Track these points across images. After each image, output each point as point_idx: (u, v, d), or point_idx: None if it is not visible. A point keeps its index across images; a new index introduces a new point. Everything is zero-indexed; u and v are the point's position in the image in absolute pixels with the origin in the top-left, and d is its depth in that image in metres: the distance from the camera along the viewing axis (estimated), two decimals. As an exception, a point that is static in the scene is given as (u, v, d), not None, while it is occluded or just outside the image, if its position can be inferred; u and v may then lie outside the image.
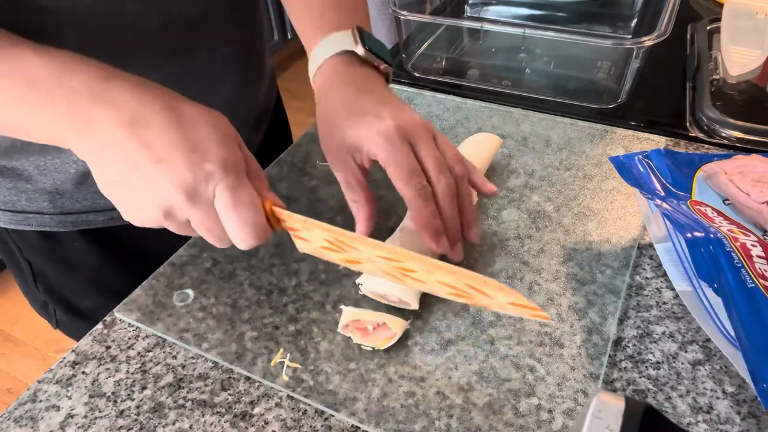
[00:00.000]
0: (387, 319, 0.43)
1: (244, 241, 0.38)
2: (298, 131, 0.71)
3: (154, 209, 0.36)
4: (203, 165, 0.35)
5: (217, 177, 0.35)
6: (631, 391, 0.41)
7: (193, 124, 0.36)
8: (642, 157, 0.53)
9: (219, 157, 0.36)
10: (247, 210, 0.37)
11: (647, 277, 0.50)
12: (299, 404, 0.41)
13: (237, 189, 0.36)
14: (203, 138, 0.36)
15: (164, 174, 0.35)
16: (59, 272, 0.64)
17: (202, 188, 0.35)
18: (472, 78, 0.80)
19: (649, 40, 0.65)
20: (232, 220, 0.36)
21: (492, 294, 0.38)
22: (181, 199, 0.35)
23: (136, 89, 0.37)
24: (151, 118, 0.36)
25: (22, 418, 0.42)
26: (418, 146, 0.45)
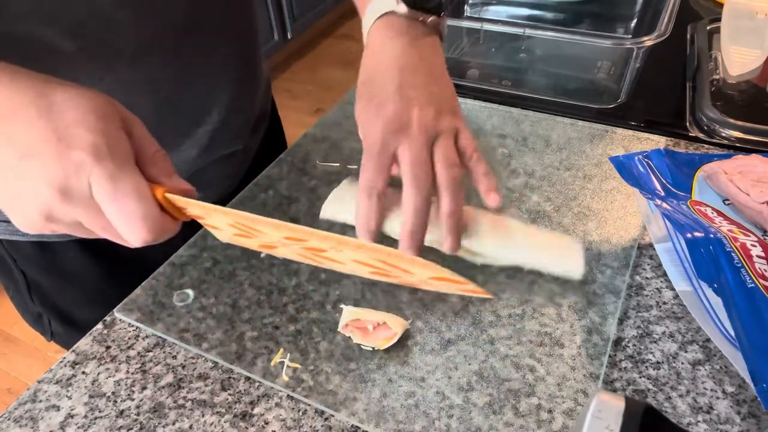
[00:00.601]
0: (387, 318, 0.44)
1: (134, 236, 0.33)
2: (298, 131, 0.71)
3: (35, 213, 0.32)
4: (70, 154, 0.31)
5: (89, 166, 0.31)
6: (631, 391, 0.41)
7: (62, 110, 0.32)
8: (642, 157, 0.53)
9: (89, 143, 0.31)
10: (130, 200, 0.32)
11: (647, 277, 0.50)
12: (299, 404, 0.41)
13: (115, 177, 0.32)
14: (71, 124, 0.32)
15: (33, 170, 0.31)
16: (54, 283, 0.63)
17: (74, 181, 0.31)
18: (472, 78, 0.81)
19: (649, 40, 0.65)
20: (114, 213, 0.32)
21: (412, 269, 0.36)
22: (56, 198, 0.31)
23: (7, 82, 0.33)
24: (18, 110, 0.32)
25: (22, 418, 0.42)
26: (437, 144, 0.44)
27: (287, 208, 0.57)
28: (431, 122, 0.45)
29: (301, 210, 0.57)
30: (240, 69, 0.62)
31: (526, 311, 0.46)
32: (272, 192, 0.60)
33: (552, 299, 0.47)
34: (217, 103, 0.60)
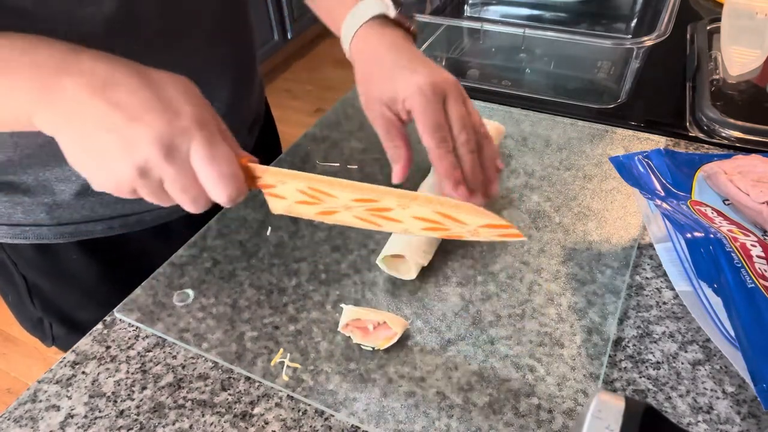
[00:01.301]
0: (387, 318, 0.43)
1: (223, 194, 0.38)
2: (299, 131, 0.71)
3: (128, 169, 0.36)
4: (179, 120, 0.36)
5: (193, 132, 0.36)
6: (631, 391, 0.41)
7: (163, 85, 0.37)
8: (642, 157, 0.53)
9: (193, 114, 0.36)
10: (225, 163, 0.37)
11: (647, 277, 0.50)
12: (299, 404, 0.41)
13: (213, 143, 0.36)
14: (174, 97, 0.36)
15: (139, 131, 0.35)
16: (56, 285, 0.63)
17: (179, 143, 0.36)
18: (472, 78, 0.81)
19: (649, 40, 0.65)
20: (210, 173, 0.37)
21: (465, 219, 0.39)
22: (158, 155, 0.35)
23: (104, 58, 0.37)
24: (121, 81, 0.36)
25: (22, 418, 0.42)
26: (448, 103, 0.49)
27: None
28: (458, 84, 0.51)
29: (301, 210, 0.57)
30: (236, 70, 0.62)
31: (526, 311, 0.46)
32: (272, 192, 0.60)
33: (552, 299, 0.47)
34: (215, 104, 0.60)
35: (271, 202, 0.42)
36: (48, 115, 0.36)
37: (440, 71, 0.50)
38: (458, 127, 0.49)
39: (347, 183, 0.40)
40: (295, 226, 0.55)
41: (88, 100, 0.35)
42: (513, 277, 0.49)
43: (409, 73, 0.49)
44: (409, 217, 0.40)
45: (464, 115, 0.49)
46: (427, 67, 0.50)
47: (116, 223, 0.60)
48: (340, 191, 0.40)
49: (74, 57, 0.36)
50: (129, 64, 0.37)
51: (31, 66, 0.36)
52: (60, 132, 0.36)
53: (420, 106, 0.48)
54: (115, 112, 0.35)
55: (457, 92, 0.50)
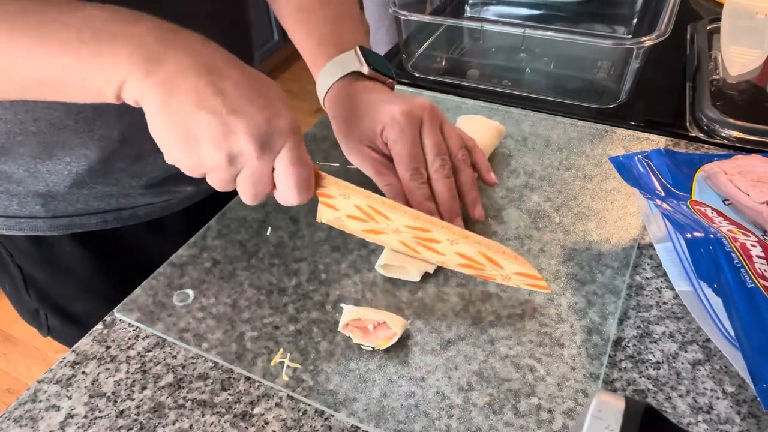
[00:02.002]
0: (387, 317, 0.43)
1: (296, 197, 0.41)
2: (298, 131, 0.71)
3: (219, 155, 0.37)
4: (277, 121, 0.38)
5: (287, 135, 0.38)
6: (631, 391, 0.41)
7: (263, 84, 0.39)
8: (642, 157, 0.53)
9: (289, 118, 0.39)
10: (306, 169, 0.40)
11: (647, 277, 0.50)
12: (299, 404, 0.41)
13: (300, 149, 0.39)
14: (274, 98, 0.39)
15: (241, 123, 0.36)
16: (51, 277, 0.64)
17: (274, 142, 0.38)
18: (472, 78, 0.80)
19: (649, 40, 0.65)
20: (292, 176, 0.39)
21: (504, 264, 0.42)
22: (252, 149, 0.37)
23: (205, 42, 0.38)
24: (227, 70, 0.37)
25: (22, 418, 0.42)
26: (424, 129, 0.50)
27: (287, 207, 0.57)
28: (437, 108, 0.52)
29: (301, 210, 0.57)
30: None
31: (526, 311, 0.46)
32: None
33: (552, 299, 0.47)
34: None
35: (322, 210, 0.44)
36: (146, 83, 0.36)
37: (415, 99, 0.51)
38: (432, 154, 0.50)
39: (407, 209, 0.43)
40: (295, 226, 0.55)
41: (194, 78, 0.36)
42: (513, 277, 0.49)
43: (385, 105, 0.51)
44: (452, 252, 0.43)
45: (439, 141, 0.50)
46: (403, 98, 0.51)
47: (110, 217, 0.60)
48: (396, 215, 0.43)
49: (172, 34, 0.37)
50: (228, 54, 0.39)
51: (131, 36, 0.36)
52: (153, 104, 0.37)
53: (395, 135, 0.49)
54: (220, 98, 0.36)
55: (433, 117, 0.51)
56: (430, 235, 0.43)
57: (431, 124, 0.50)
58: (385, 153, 0.52)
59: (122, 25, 0.36)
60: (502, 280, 0.43)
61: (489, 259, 0.42)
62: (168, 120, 0.37)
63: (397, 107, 0.50)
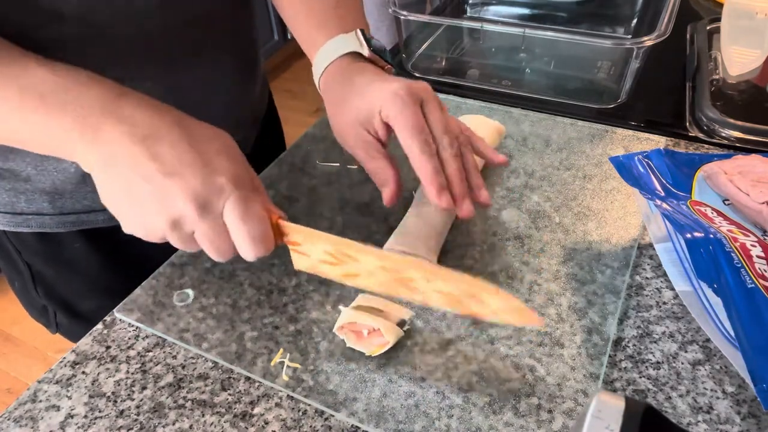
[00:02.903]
0: (382, 325, 0.43)
1: (252, 252, 0.38)
2: (299, 131, 0.71)
3: (161, 220, 0.37)
4: (215, 179, 0.36)
5: (228, 191, 0.37)
6: (631, 391, 0.41)
7: (203, 140, 0.38)
8: (642, 157, 0.53)
9: (230, 172, 0.37)
10: (257, 223, 0.38)
11: (647, 277, 0.50)
12: (299, 404, 0.41)
13: (247, 203, 0.37)
14: (214, 153, 0.37)
15: (176, 186, 0.36)
16: (59, 274, 0.64)
17: (214, 201, 0.36)
18: (472, 78, 0.80)
19: (649, 40, 0.65)
20: (242, 232, 0.37)
21: (488, 301, 0.38)
22: (192, 211, 0.36)
23: (148, 106, 0.38)
24: (162, 132, 0.37)
25: (22, 418, 0.42)
26: (426, 107, 0.47)
27: (287, 208, 0.57)
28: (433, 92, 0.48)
29: (301, 210, 0.57)
30: (239, 65, 0.62)
31: (526, 311, 0.46)
32: (272, 192, 0.60)
33: (552, 299, 0.47)
34: (217, 99, 0.60)
35: (296, 258, 0.42)
36: (88, 154, 0.37)
37: (414, 81, 0.48)
38: (439, 130, 0.46)
39: (374, 250, 0.40)
40: (295, 226, 0.55)
41: (128, 147, 0.36)
42: (513, 277, 0.49)
43: (383, 83, 0.47)
44: (432, 291, 0.40)
45: (443, 118, 0.47)
46: (400, 78, 0.48)
47: None
48: (365, 257, 0.40)
49: (116, 101, 0.37)
50: (170, 113, 0.38)
51: (77, 105, 0.37)
52: (97, 173, 0.38)
53: (397, 108, 0.45)
54: (154, 164, 0.36)
55: (434, 98, 0.48)
56: (404, 275, 0.39)
57: (434, 104, 0.47)
58: (380, 136, 0.48)
59: (68, 92, 0.37)
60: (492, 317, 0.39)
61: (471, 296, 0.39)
62: (111, 190, 0.38)
63: (397, 84, 0.47)
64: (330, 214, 0.56)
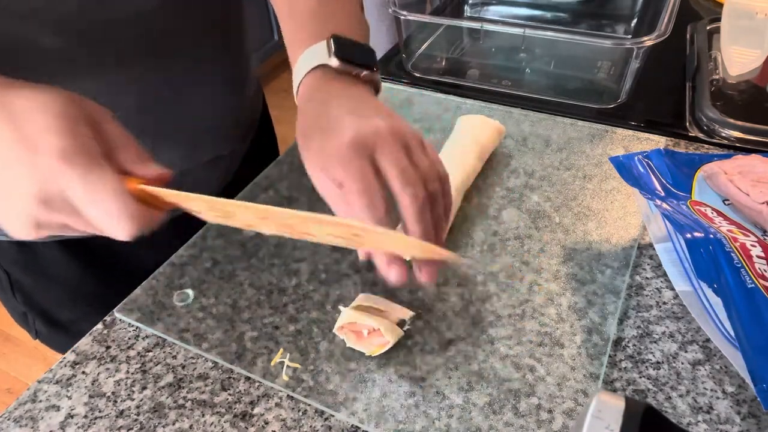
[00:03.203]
0: (382, 325, 0.43)
1: (118, 231, 0.33)
2: (298, 131, 0.71)
3: (24, 223, 0.32)
4: (38, 161, 0.31)
5: (59, 170, 0.31)
6: (631, 391, 0.41)
7: (27, 117, 0.31)
8: (642, 157, 0.53)
9: (56, 148, 0.31)
10: (106, 198, 0.31)
11: (647, 277, 0.50)
12: (299, 404, 0.41)
13: (87, 178, 0.31)
14: (37, 130, 0.31)
15: (12, 182, 0.31)
16: (37, 283, 0.63)
17: (50, 188, 0.31)
18: (472, 78, 0.80)
19: (649, 40, 0.65)
20: (92, 213, 0.32)
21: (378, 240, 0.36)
22: (38, 207, 0.31)
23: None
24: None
25: (22, 418, 0.42)
26: (381, 158, 0.38)
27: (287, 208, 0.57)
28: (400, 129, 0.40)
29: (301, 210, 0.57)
30: (228, 71, 0.62)
31: (526, 311, 0.46)
32: (272, 192, 0.60)
33: (552, 299, 0.47)
34: (204, 105, 0.59)
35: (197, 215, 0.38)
36: None
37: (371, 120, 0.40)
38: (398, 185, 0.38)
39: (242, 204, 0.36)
40: (295, 226, 0.55)
41: None
42: (513, 277, 0.49)
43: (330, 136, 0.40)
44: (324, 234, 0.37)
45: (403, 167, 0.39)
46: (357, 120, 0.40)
47: None
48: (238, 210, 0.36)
49: None
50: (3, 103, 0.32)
51: None
52: None
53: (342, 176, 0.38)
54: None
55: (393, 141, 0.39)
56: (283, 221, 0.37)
57: (391, 149, 0.38)
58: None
59: None
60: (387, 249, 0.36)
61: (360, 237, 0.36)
62: None
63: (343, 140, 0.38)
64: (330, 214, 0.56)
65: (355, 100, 0.43)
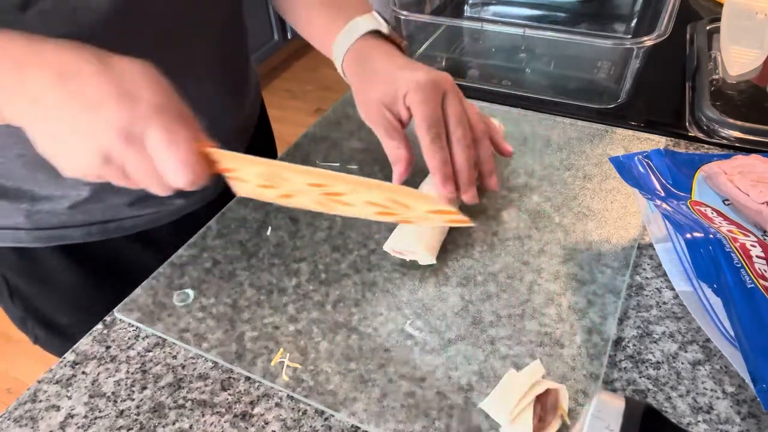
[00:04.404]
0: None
1: (180, 179, 0.38)
2: (298, 131, 0.71)
3: (93, 156, 0.36)
4: (136, 107, 0.36)
5: (151, 119, 0.36)
6: (631, 391, 0.41)
7: (123, 72, 0.37)
8: (642, 157, 0.53)
9: (152, 101, 0.36)
10: (182, 149, 0.37)
11: (647, 277, 0.50)
12: (299, 404, 0.41)
13: (170, 129, 0.36)
14: (134, 84, 0.37)
15: (99, 119, 0.35)
16: (36, 288, 0.63)
17: (137, 130, 0.36)
18: (472, 78, 0.81)
19: (649, 40, 0.65)
20: (167, 158, 0.37)
21: (413, 204, 0.41)
22: (117, 142, 0.36)
23: (65, 47, 0.37)
24: (80, 68, 0.36)
25: (22, 418, 0.42)
26: (447, 99, 0.51)
27: (287, 207, 0.57)
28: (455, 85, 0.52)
29: (301, 210, 0.57)
30: (226, 74, 0.61)
31: (526, 311, 0.46)
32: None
33: (552, 299, 0.47)
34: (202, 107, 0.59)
35: (235, 185, 0.43)
36: (15, 106, 0.37)
37: (438, 71, 0.52)
38: (455, 122, 0.50)
39: (301, 168, 0.41)
40: (295, 226, 0.55)
41: (48, 88, 0.36)
42: (513, 277, 0.49)
43: (409, 72, 0.51)
44: (361, 203, 0.41)
45: (461, 111, 0.51)
46: (426, 67, 0.52)
47: (95, 230, 0.60)
48: (293, 175, 0.41)
49: (37, 47, 0.37)
50: (91, 51, 0.37)
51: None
52: (26, 122, 0.37)
53: (419, 99, 0.50)
54: (75, 100, 0.35)
55: (455, 90, 0.52)
56: (331, 189, 0.42)
57: (454, 96, 0.51)
58: (402, 118, 0.52)
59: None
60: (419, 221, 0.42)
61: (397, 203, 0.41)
62: (42, 137, 0.37)
63: (423, 74, 0.50)
64: (330, 214, 0.56)
65: (405, 59, 0.54)
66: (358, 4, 0.58)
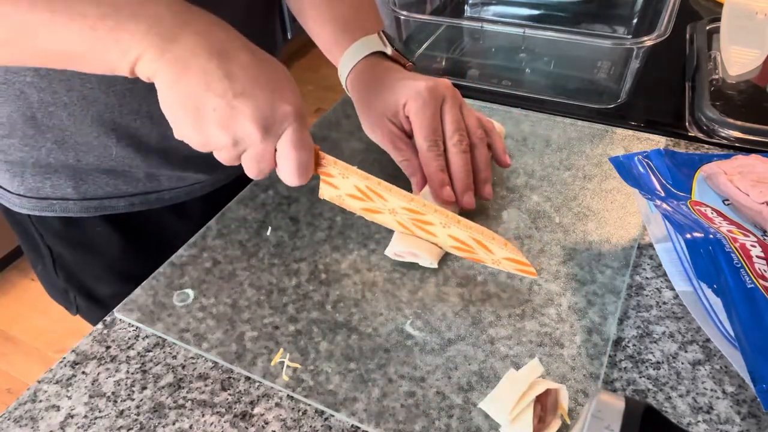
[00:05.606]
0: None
1: (296, 179, 0.42)
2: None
3: (224, 137, 0.39)
4: (282, 106, 0.39)
5: (291, 119, 0.39)
6: (631, 391, 0.41)
7: (271, 67, 0.40)
8: (642, 157, 0.53)
9: (294, 102, 0.40)
10: (306, 152, 0.41)
11: (647, 277, 0.50)
12: (299, 404, 0.41)
13: (303, 132, 0.40)
14: (281, 81, 0.40)
15: (246, 107, 0.38)
16: (79, 258, 0.66)
17: (277, 126, 0.39)
18: (472, 78, 0.81)
19: (649, 40, 0.65)
20: (292, 158, 0.41)
21: (494, 249, 0.45)
22: (256, 133, 0.39)
23: (217, 24, 0.39)
24: (236, 52, 0.38)
25: (22, 418, 0.42)
26: (445, 105, 0.52)
27: (287, 208, 0.57)
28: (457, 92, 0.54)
29: (301, 210, 0.57)
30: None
31: (526, 311, 0.46)
32: (272, 192, 0.60)
33: (552, 299, 0.47)
34: None
35: (324, 188, 0.47)
36: (159, 62, 0.37)
37: (438, 79, 0.54)
38: (451, 129, 0.52)
39: (404, 192, 0.45)
40: (295, 226, 0.55)
41: (205, 60, 0.37)
42: (513, 277, 0.49)
43: (409, 81, 0.53)
44: (445, 235, 0.46)
45: (459, 118, 0.52)
46: (426, 77, 0.54)
47: (137, 200, 0.63)
48: (392, 197, 0.45)
49: (189, 15, 0.38)
50: (240, 37, 0.40)
51: (148, 15, 0.37)
52: (165, 79, 0.38)
53: (417, 107, 0.51)
54: (227, 82, 0.37)
55: (455, 97, 0.53)
56: (424, 217, 0.45)
57: (452, 103, 0.52)
58: (405, 129, 0.54)
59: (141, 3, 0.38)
60: (492, 264, 0.46)
61: (480, 244, 0.45)
62: (177, 98, 0.38)
63: (422, 83, 0.52)
64: (330, 214, 0.56)
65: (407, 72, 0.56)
66: (367, 18, 0.59)
